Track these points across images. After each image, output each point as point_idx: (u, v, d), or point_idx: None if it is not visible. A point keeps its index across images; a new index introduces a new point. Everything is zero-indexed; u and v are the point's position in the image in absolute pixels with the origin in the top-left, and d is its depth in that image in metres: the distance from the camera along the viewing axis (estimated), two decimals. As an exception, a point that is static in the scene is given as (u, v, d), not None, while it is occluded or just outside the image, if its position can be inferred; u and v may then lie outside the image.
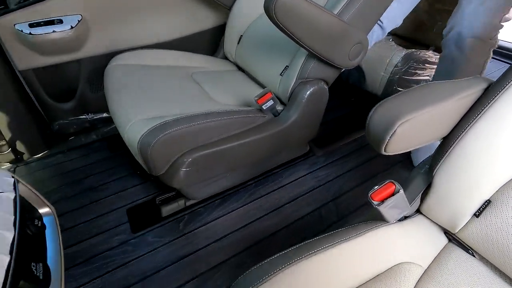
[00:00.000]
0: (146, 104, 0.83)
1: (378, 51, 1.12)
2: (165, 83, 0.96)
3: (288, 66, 0.92)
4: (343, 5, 0.79)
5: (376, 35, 1.05)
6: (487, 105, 0.49)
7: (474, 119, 0.50)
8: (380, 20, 1.02)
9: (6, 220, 0.39)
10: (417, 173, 0.60)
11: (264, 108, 0.84)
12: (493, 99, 0.49)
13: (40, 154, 1.22)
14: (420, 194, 0.58)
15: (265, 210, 0.96)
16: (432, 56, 1.16)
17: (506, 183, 0.49)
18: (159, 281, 0.78)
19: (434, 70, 1.12)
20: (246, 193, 1.02)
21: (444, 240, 0.58)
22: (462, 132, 0.51)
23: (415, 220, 0.59)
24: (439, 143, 0.56)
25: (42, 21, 1.01)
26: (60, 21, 1.04)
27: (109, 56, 1.11)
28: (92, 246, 0.86)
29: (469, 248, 0.55)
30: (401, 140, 0.42)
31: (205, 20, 1.28)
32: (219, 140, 0.82)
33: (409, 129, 0.42)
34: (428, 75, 1.16)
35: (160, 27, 1.23)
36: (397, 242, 0.54)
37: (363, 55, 0.85)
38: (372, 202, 0.50)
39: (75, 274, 0.80)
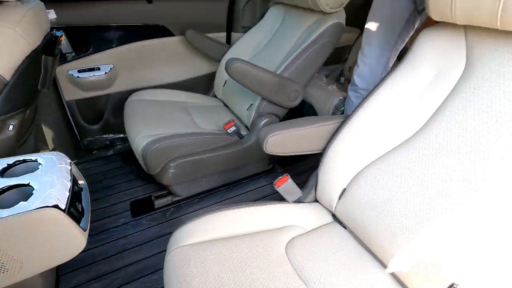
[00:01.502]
0: (151, 126, 1.23)
1: (323, 93, 1.52)
2: (166, 113, 1.37)
3: (252, 104, 1.31)
4: (286, 65, 1.21)
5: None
6: (341, 130, 0.85)
7: (334, 138, 0.86)
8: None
9: (66, 178, 0.77)
10: (314, 174, 0.95)
11: (229, 132, 1.23)
12: (343, 127, 0.85)
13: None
14: (314, 187, 0.92)
15: (229, 207, 1.31)
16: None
17: (354, 176, 0.82)
18: (148, 247, 1.12)
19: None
20: (218, 195, 1.38)
21: (329, 218, 0.90)
22: (329, 146, 0.86)
23: (311, 204, 0.92)
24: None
25: (86, 68, 1.47)
26: (98, 69, 1.50)
27: (130, 92, 1.55)
28: (103, 224, 1.22)
29: (342, 222, 0.87)
30: (274, 146, 0.79)
31: (201, 68, 1.73)
32: (198, 152, 1.20)
33: (278, 140, 0.78)
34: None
35: (168, 72, 1.68)
36: (292, 213, 0.87)
37: (300, 98, 1.25)
38: (275, 187, 0.86)
39: (90, 240, 1.14)
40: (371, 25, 1.23)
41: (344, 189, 0.83)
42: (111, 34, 1.48)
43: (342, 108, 1.45)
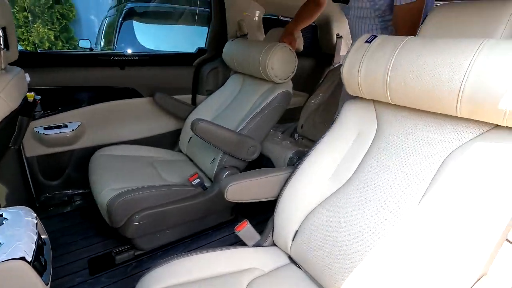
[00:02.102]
0: (117, 179, 1.28)
1: (278, 147, 1.72)
2: (133, 167, 1.43)
3: (215, 158, 1.45)
4: (244, 124, 1.39)
5: None
6: (291, 179, 1.00)
7: (286, 186, 1.00)
8: None
9: (32, 231, 0.80)
10: (271, 219, 1.06)
11: (193, 183, 1.32)
12: (293, 176, 1.01)
13: (23, 221, 1.54)
14: (271, 231, 1.02)
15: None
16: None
17: (304, 218, 0.95)
18: (106, 307, 1.08)
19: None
20: (182, 247, 1.40)
21: (286, 259, 0.99)
22: (281, 193, 1.00)
23: (269, 248, 1.02)
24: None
25: (53, 125, 1.53)
26: (66, 126, 1.56)
27: (96, 148, 1.60)
28: (58, 285, 1.16)
29: (297, 263, 0.97)
30: (234, 194, 0.91)
31: (167, 125, 1.86)
32: (163, 204, 1.26)
33: (237, 188, 0.91)
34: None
35: (135, 129, 1.78)
36: (252, 257, 0.95)
37: (257, 152, 1.42)
38: (235, 231, 0.95)
39: (41, 304, 1.07)
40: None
41: (297, 231, 0.95)
42: (82, 95, 1.59)
43: (296, 161, 1.65)
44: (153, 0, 2.86)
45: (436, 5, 0.82)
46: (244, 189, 0.93)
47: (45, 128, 1.50)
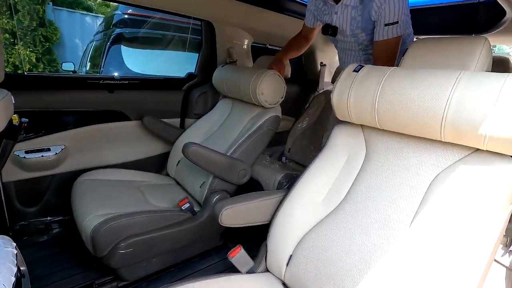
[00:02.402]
0: (102, 205, 1.23)
1: (268, 171, 1.72)
2: (118, 192, 1.38)
3: (205, 182, 1.43)
4: (235, 148, 1.40)
5: None
6: (284, 203, 1.01)
7: (278, 210, 1.00)
8: None
9: (12, 263, 0.75)
10: (264, 244, 1.05)
11: (183, 208, 1.29)
12: (285, 200, 1.01)
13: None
14: (264, 256, 1.01)
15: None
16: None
17: (298, 242, 0.94)
18: None
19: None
20: (169, 277, 1.33)
21: (279, 284, 0.97)
22: (274, 217, 1.00)
23: (262, 274, 0.99)
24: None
25: (35, 149, 1.47)
26: (48, 149, 1.50)
27: (78, 172, 1.54)
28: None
29: None
30: (228, 218, 0.90)
31: (155, 148, 1.84)
32: (150, 230, 1.21)
33: (232, 212, 0.90)
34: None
35: (121, 152, 1.74)
36: (245, 285, 0.93)
37: (248, 176, 1.42)
38: (228, 257, 0.93)
39: None
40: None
41: (291, 256, 0.94)
42: (68, 118, 1.55)
43: (285, 184, 1.66)
44: (143, 26, 2.92)
45: (417, 38, 0.90)
46: (238, 213, 0.93)
47: (26, 152, 1.44)
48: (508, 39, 1.63)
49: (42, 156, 1.47)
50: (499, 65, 1.36)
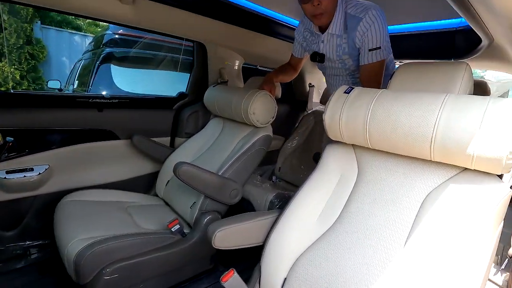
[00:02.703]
0: (87, 229, 1.18)
1: (259, 190, 1.71)
2: (104, 214, 1.33)
3: (195, 202, 1.40)
4: (226, 167, 1.39)
5: None
6: (277, 223, 0.99)
7: (272, 231, 0.98)
8: None
9: None
10: (257, 266, 1.02)
11: (173, 230, 1.25)
12: (279, 221, 1.00)
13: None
14: (258, 280, 0.98)
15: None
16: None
17: (293, 264, 0.92)
18: None
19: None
20: (156, 303, 1.26)
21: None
22: (268, 238, 0.98)
23: (256, 298, 0.96)
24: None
25: (17, 169, 1.41)
26: (31, 169, 1.44)
27: (62, 193, 1.48)
28: None
29: None
30: (222, 240, 0.87)
31: (143, 168, 1.80)
32: (138, 254, 1.16)
33: (225, 234, 0.88)
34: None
35: (108, 172, 1.69)
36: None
37: (240, 195, 1.40)
38: (221, 282, 0.89)
39: None
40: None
41: (285, 279, 0.91)
42: (54, 137, 1.51)
43: (277, 204, 1.64)
44: (134, 46, 2.94)
45: (401, 62, 0.95)
46: (231, 235, 0.90)
47: (8, 172, 1.38)
48: (485, 64, 1.74)
49: (25, 176, 1.41)
50: (478, 88, 1.44)
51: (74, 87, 3.37)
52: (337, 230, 0.88)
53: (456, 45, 1.51)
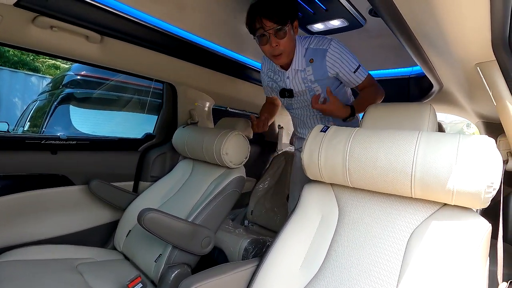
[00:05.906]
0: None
1: (231, 236, 1.59)
2: (48, 276, 1.11)
3: (161, 255, 1.23)
4: (197, 213, 1.28)
5: None
6: (258, 274, 0.89)
7: (253, 283, 0.88)
8: None
9: None
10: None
11: (134, 290, 1.07)
12: (259, 270, 0.90)
13: None
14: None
15: None
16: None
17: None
18: None
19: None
20: None
21: None
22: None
23: None
24: None
25: None
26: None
27: (1, 251, 1.22)
28: None
29: None
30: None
31: (100, 217, 1.59)
32: (89, 326, 0.96)
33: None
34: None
35: (57, 224, 1.46)
36: None
37: (212, 244, 1.27)
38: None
39: None
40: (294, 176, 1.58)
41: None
42: (-7, 184, 1.30)
43: (252, 251, 1.52)
44: (99, 88, 2.83)
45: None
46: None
47: None
48: (437, 108, 1.91)
49: None
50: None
51: (24, 129, 3.08)
52: (324, 277, 0.81)
53: (411, 91, 1.66)
